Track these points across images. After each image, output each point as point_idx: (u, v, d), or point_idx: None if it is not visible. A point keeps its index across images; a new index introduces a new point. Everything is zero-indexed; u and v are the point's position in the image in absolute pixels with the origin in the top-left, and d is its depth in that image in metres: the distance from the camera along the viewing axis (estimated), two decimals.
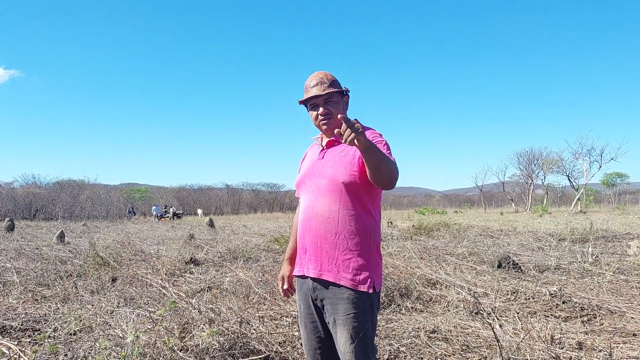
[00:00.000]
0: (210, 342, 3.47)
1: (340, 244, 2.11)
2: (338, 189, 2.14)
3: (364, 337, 2.08)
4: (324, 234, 2.14)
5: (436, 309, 4.90)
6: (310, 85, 2.27)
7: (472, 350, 3.67)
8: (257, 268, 7.17)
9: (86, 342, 3.79)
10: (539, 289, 5.42)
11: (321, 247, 2.16)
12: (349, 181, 2.12)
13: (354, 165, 2.13)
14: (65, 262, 8.21)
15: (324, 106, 2.24)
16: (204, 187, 65.35)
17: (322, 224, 2.15)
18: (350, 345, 2.06)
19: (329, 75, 2.28)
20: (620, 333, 4.04)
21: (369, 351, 2.11)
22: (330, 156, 2.24)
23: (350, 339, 2.07)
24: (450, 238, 11.84)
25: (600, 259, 7.86)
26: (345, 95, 2.31)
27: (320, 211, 2.16)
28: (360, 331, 2.07)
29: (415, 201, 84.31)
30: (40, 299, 5.53)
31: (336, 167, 2.17)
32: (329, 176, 2.17)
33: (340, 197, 2.14)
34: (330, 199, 2.15)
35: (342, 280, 2.09)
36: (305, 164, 2.41)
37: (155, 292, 5.65)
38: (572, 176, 47.87)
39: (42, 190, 41.90)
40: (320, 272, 2.15)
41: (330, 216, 2.13)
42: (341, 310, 2.09)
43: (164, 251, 9.72)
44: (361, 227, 2.13)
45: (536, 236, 12.23)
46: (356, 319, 2.07)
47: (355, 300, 2.08)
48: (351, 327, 2.07)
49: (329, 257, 2.13)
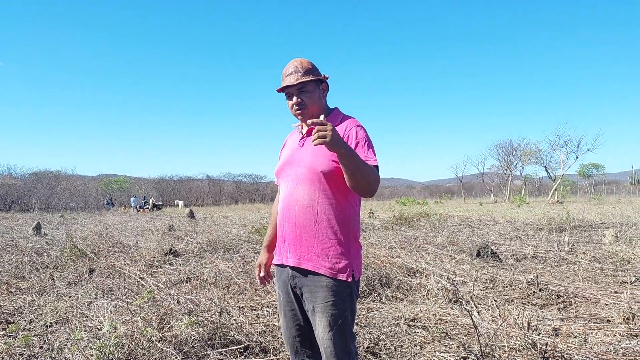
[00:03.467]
0: (189, 333, 3.44)
1: (320, 233, 2.10)
2: (317, 177, 2.12)
3: (342, 325, 2.08)
4: (303, 223, 2.13)
5: (416, 298, 4.93)
6: (285, 73, 2.24)
7: (451, 338, 3.71)
8: (237, 259, 7.14)
9: (62, 333, 3.73)
10: (516, 277, 5.50)
11: (300, 235, 2.14)
12: (327, 170, 2.10)
13: (333, 155, 2.08)
14: (42, 254, 8.06)
15: (297, 96, 2.21)
16: (185, 178, 64.75)
17: (301, 212, 2.13)
18: (329, 332, 2.06)
19: (304, 63, 2.24)
20: (595, 319, 4.12)
21: (348, 339, 2.11)
22: (310, 144, 2.19)
23: (328, 326, 2.06)
24: (430, 228, 11.93)
25: (576, 247, 8.01)
26: (322, 83, 2.28)
27: (299, 200, 2.14)
28: (339, 319, 2.07)
29: (396, 192, 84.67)
30: (15, 291, 5.42)
31: (315, 156, 2.14)
32: (309, 165, 2.15)
33: (319, 186, 2.11)
34: (310, 187, 2.13)
35: (321, 269, 2.08)
36: (285, 151, 2.38)
37: (134, 283, 5.59)
38: (550, 167, 48.84)
39: (17, 182, 41.02)
40: (300, 260, 2.14)
41: (310, 205, 2.12)
42: (320, 298, 2.08)
43: (142, 242, 9.61)
44: (340, 216, 2.11)
45: (514, 226, 12.41)
46: (335, 306, 2.07)
47: (334, 288, 2.08)
48: (330, 314, 2.06)
49: (308, 246, 2.12)
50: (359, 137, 2.11)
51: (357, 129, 2.15)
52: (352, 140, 2.10)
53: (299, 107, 2.22)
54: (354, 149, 2.01)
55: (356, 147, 2.08)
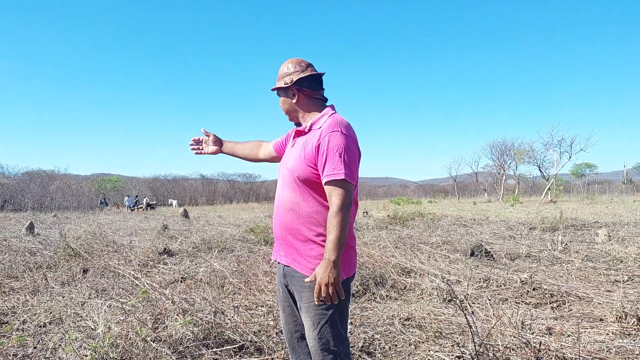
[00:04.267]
0: (184, 333, 3.44)
1: (302, 235, 2.12)
2: (295, 181, 2.15)
3: (326, 326, 2.07)
4: (287, 224, 2.16)
5: (410, 297, 4.95)
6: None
7: (446, 337, 3.72)
8: (232, 258, 7.12)
9: (56, 334, 3.71)
10: (510, 277, 5.53)
11: (285, 237, 2.18)
12: (303, 176, 2.11)
13: (309, 159, 2.10)
14: (35, 254, 8.01)
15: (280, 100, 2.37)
16: (179, 178, 64.52)
17: (285, 214, 2.17)
18: (313, 332, 2.08)
19: (282, 67, 2.32)
20: (588, 318, 4.15)
21: (332, 340, 2.08)
22: (297, 146, 2.23)
23: (312, 326, 2.08)
24: (424, 227, 11.95)
25: (570, 247, 8.06)
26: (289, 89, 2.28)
27: (284, 201, 2.19)
28: (322, 319, 2.07)
29: (390, 191, 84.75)
30: (8, 291, 5.39)
31: (295, 160, 2.16)
32: (290, 168, 2.18)
33: (299, 189, 2.14)
34: (292, 190, 2.16)
35: (305, 270, 2.11)
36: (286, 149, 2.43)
37: (128, 283, 5.57)
38: (543, 166, 49.02)
39: (10, 181, 40.76)
40: (287, 260, 2.19)
41: (292, 207, 2.15)
42: (305, 297, 2.11)
43: (136, 242, 9.58)
44: (322, 218, 2.10)
45: (508, 225, 12.46)
46: (318, 307, 2.07)
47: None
48: (313, 314, 2.08)
49: (293, 247, 2.16)
50: (330, 145, 2.04)
51: (330, 135, 2.06)
52: (323, 149, 2.05)
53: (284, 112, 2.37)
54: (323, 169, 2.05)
55: (326, 159, 2.03)
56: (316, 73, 2.28)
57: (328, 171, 2.02)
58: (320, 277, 1.95)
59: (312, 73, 2.26)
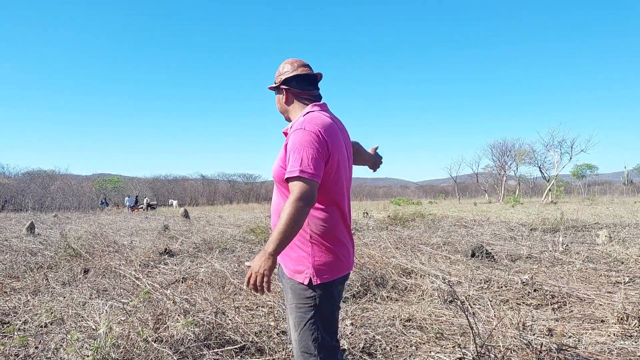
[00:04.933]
0: (185, 333, 3.44)
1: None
2: (276, 183, 2.20)
3: (305, 328, 2.06)
4: (274, 227, 2.15)
5: (411, 298, 4.95)
6: None
7: (447, 338, 3.72)
8: (232, 258, 7.12)
9: (57, 334, 3.71)
10: (511, 278, 5.53)
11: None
12: (279, 179, 2.12)
13: (282, 161, 2.10)
14: (36, 254, 8.02)
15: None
16: (179, 178, 64.53)
17: (274, 216, 2.23)
18: (294, 333, 2.10)
19: (279, 68, 2.32)
20: (589, 319, 4.15)
21: (311, 342, 2.05)
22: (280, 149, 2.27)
23: (293, 327, 2.10)
24: (425, 228, 11.95)
25: (570, 248, 8.05)
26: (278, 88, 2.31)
27: (272, 205, 2.26)
28: (302, 321, 2.07)
29: (390, 192, 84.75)
30: (9, 292, 5.39)
31: (275, 164, 2.18)
32: (272, 170, 2.21)
33: (280, 191, 2.19)
34: (276, 193, 2.23)
35: (286, 271, 2.14)
36: None
37: (129, 283, 5.57)
38: (544, 167, 48.89)
39: (11, 181, 40.76)
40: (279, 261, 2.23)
41: (277, 209, 2.18)
42: (288, 299, 2.14)
43: (137, 242, 9.58)
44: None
45: (509, 226, 12.45)
46: (298, 309, 2.08)
47: (296, 291, 2.09)
48: (294, 316, 2.09)
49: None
50: (292, 144, 2.02)
51: (294, 134, 2.04)
52: (288, 146, 2.04)
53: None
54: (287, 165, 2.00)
55: (289, 156, 2.01)
56: (305, 73, 2.25)
57: (288, 168, 1.98)
58: (253, 264, 1.96)
59: (301, 73, 2.24)
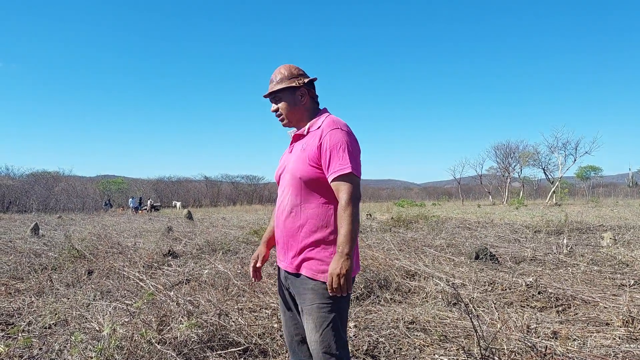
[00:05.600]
0: (189, 335, 3.44)
1: (303, 238, 2.14)
2: (298, 183, 2.17)
3: (328, 328, 2.08)
4: (289, 229, 2.19)
5: (415, 300, 4.94)
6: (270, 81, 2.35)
7: (451, 340, 3.71)
8: (236, 260, 7.13)
9: (61, 335, 3.72)
10: (515, 280, 5.51)
11: (288, 241, 2.20)
12: (307, 176, 2.14)
13: (312, 159, 2.14)
14: (40, 255, 8.04)
15: (274, 104, 2.34)
16: (182, 179, 64.75)
17: (287, 218, 2.20)
18: (316, 334, 2.08)
19: (282, 71, 2.31)
20: (594, 322, 4.13)
21: (333, 342, 2.08)
22: (296, 150, 2.27)
23: (315, 329, 2.09)
24: (428, 230, 11.94)
25: (575, 250, 8.02)
26: (298, 89, 2.29)
27: (286, 206, 2.21)
28: (324, 321, 2.08)
29: (394, 194, 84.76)
30: (13, 293, 5.40)
31: (297, 162, 2.19)
32: (291, 171, 2.20)
33: (300, 191, 2.17)
34: (293, 193, 2.18)
35: (307, 272, 2.12)
36: (282, 157, 2.46)
37: (133, 284, 5.58)
38: (548, 169, 48.78)
39: (15, 182, 40.92)
40: (289, 263, 2.20)
41: (293, 210, 2.17)
42: (307, 300, 2.12)
43: (141, 244, 9.60)
44: (323, 219, 2.13)
45: (512, 228, 12.42)
46: (320, 309, 2.08)
47: (319, 291, 2.09)
48: (316, 316, 2.09)
49: (294, 250, 2.17)
50: (332, 143, 2.09)
51: (332, 133, 2.11)
52: (326, 146, 2.09)
53: (277, 116, 2.35)
54: (329, 166, 2.08)
55: (331, 156, 2.08)
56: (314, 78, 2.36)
57: (334, 168, 2.07)
58: (332, 269, 1.97)
59: (313, 78, 2.35)
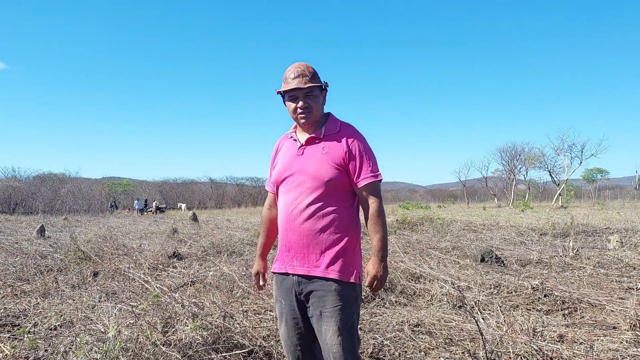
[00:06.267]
0: (194, 337, 3.43)
1: (326, 240, 2.13)
2: (321, 186, 2.15)
3: (350, 329, 2.11)
4: (309, 232, 2.15)
5: (420, 303, 4.92)
6: (290, 76, 2.24)
7: (456, 344, 3.69)
8: (241, 262, 7.13)
9: (67, 337, 3.73)
10: (521, 283, 5.48)
11: (308, 244, 2.16)
12: (333, 178, 2.14)
13: (337, 163, 2.16)
14: (46, 257, 8.08)
15: (304, 100, 2.22)
16: (188, 181, 64.81)
17: (306, 221, 2.15)
18: (338, 337, 2.08)
19: (310, 68, 2.26)
20: (601, 326, 4.10)
21: (355, 343, 2.14)
22: (311, 153, 2.23)
23: (337, 331, 2.08)
24: (433, 232, 11.90)
25: (581, 253, 7.97)
26: (324, 90, 2.30)
27: (304, 208, 2.16)
28: (347, 323, 2.10)
29: (399, 196, 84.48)
30: (19, 294, 5.43)
31: (319, 165, 2.17)
32: (312, 173, 2.17)
33: (322, 194, 2.15)
34: (313, 196, 2.16)
35: (331, 274, 2.12)
36: (282, 160, 2.35)
37: (138, 286, 5.58)
38: (554, 172, 48.47)
39: (22, 184, 41.10)
40: (309, 268, 2.16)
41: (314, 213, 2.14)
42: (329, 302, 2.10)
43: (146, 245, 9.62)
44: (344, 222, 2.16)
45: (518, 231, 12.35)
46: (343, 311, 2.10)
47: (342, 293, 2.11)
48: (339, 319, 2.09)
49: (316, 253, 2.15)
50: (361, 149, 2.21)
51: (359, 139, 2.24)
52: (356, 153, 2.18)
53: (305, 111, 2.23)
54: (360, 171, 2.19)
55: (361, 162, 2.18)
56: None
57: (366, 174, 2.17)
58: (376, 271, 2.13)
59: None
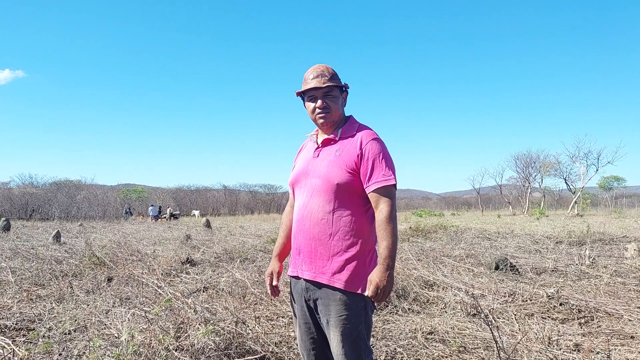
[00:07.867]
0: (206, 342, 3.44)
1: (335, 246, 2.08)
2: (332, 189, 2.10)
3: (356, 339, 2.05)
4: (318, 236, 2.11)
5: (433, 311, 4.88)
6: (310, 77, 2.23)
7: (470, 352, 3.65)
8: (253, 268, 7.14)
9: (80, 341, 3.76)
10: (536, 291, 5.41)
11: (315, 249, 2.12)
12: (344, 182, 2.09)
13: (350, 166, 2.10)
14: (61, 262, 8.16)
15: (322, 99, 2.20)
16: (201, 188, 65.27)
17: (316, 225, 2.11)
18: (342, 348, 2.04)
19: (330, 69, 2.25)
20: (618, 335, 4.02)
21: (362, 353, 2.07)
22: (326, 155, 2.20)
23: (342, 341, 2.04)
24: (447, 240, 11.82)
25: (597, 261, 7.85)
26: (344, 91, 2.29)
27: (314, 212, 2.12)
28: (353, 333, 2.04)
29: (412, 203, 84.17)
30: (35, 299, 5.49)
31: (331, 167, 2.13)
32: (324, 176, 2.13)
33: (335, 197, 2.10)
34: (325, 199, 2.11)
35: (336, 283, 2.06)
36: (300, 161, 2.35)
37: (151, 292, 5.62)
38: (569, 179, 47.86)
39: (38, 190, 41.79)
40: (315, 274, 2.12)
41: (324, 217, 2.10)
42: (334, 311, 2.06)
43: (160, 251, 9.68)
44: (356, 228, 2.09)
45: (533, 239, 12.22)
46: (348, 320, 2.04)
47: (348, 302, 2.05)
48: (343, 328, 2.04)
49: (323, 259, 2.10)
50: (374, 152, 2.10)
51: (373, 143, 2.13)
52: (368, 156, 2.09)
53: (324, 111, 2.21)
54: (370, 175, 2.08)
55: (373, 165, 2.08)
56: None
57: (377, 177, 2.06)
58: (379, 280, 1.96)
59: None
